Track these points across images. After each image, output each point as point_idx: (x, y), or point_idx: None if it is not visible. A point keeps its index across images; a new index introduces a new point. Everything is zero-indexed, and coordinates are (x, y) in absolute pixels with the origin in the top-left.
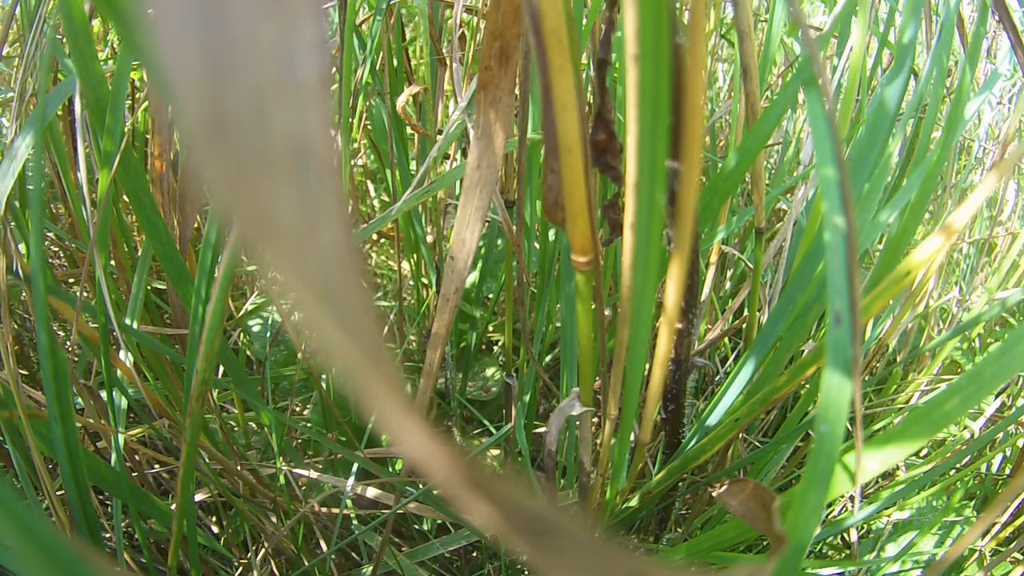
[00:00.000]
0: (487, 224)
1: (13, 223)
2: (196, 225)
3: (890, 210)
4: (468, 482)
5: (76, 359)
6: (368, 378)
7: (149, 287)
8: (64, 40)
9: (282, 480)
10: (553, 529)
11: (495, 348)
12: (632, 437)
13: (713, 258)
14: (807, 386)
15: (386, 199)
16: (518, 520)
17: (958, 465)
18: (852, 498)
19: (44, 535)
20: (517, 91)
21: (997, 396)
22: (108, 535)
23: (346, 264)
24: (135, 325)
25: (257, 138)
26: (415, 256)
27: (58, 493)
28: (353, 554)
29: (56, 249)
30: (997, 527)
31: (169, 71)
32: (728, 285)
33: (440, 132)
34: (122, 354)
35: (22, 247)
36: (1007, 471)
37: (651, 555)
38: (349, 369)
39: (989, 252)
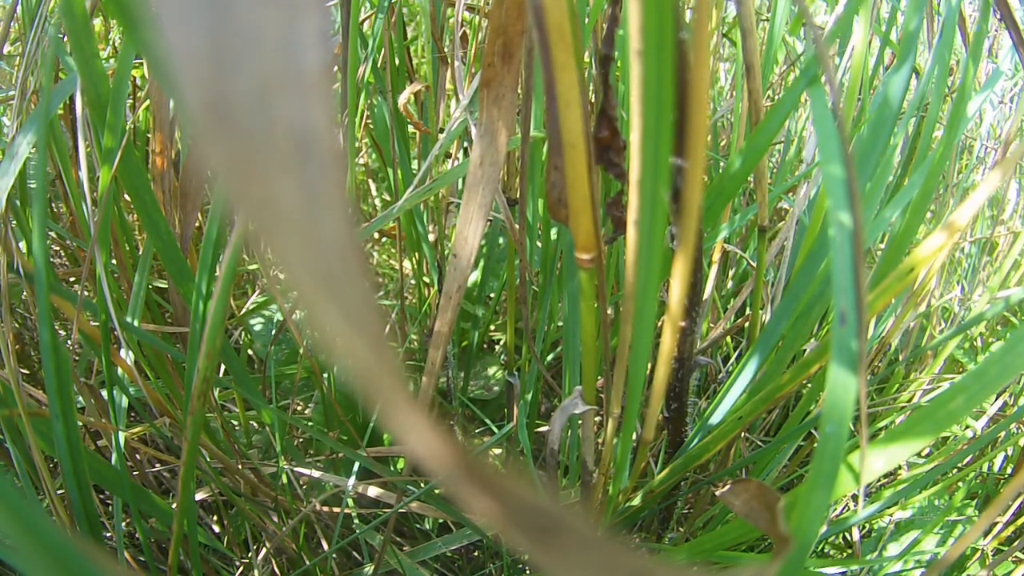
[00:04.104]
0: (489, 222)
1: (14, 221)
2: (197, 224)
3: (892, 208)
4: (471, 478)
5: (77, 358)
6: (371, 370)
7: (150, 285)
8: (65, 38)
9: (283, 479)
10: (557, 526)
11: (497, 347)
12: (634, 436)
13: (716, 257)
14: (809, 385)
15: (388, 198)
16: (521, 517)
17: (960, 464)
18: (854, 497)
19: (48, 533)
20: (520, 89)
21: (998, 395)
22: (109, 534)
23: (348, 255)
24: (136, 323)
25: (260, 128)
26: (417, 255)
27: (58, 492)
28: (354, 553)
29: (57, 248)
30: (999, 526)
31: (173, 60)
32: (730, 284)
33: (442, 131)
34: (123, 352)
35: (23, 245)
36: (1009, 470)
37: (654, 554)
38: (351, 361)
39: (991, 251)
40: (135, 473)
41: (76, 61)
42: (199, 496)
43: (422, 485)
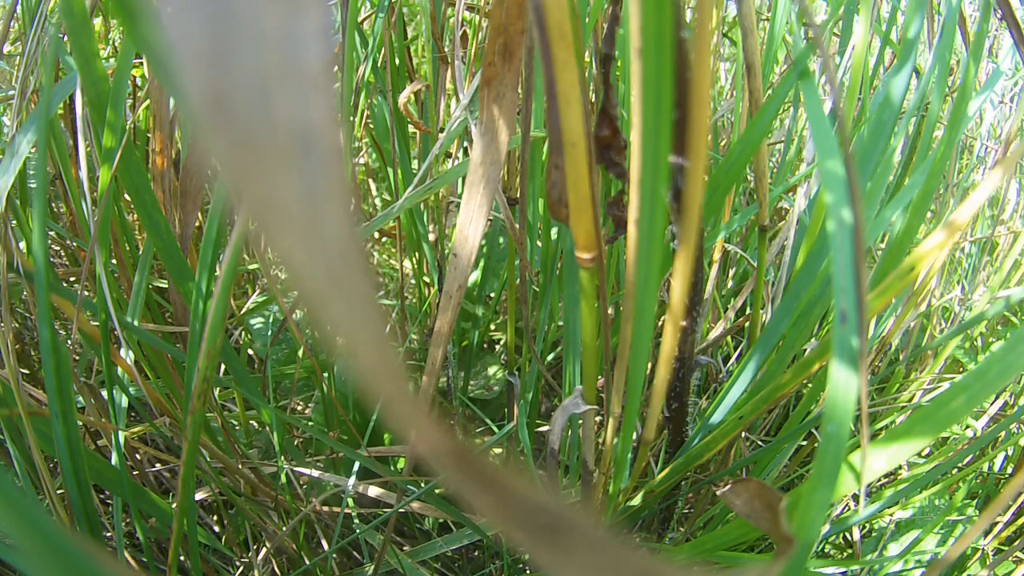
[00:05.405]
0: (489, 222)
1: (14, 221)
2: (197, 223)
3: (893, 208)
4: (473, 475)
5: (77, 357)
6: (372, 368)
7: (150, 285)
8: (65, 38)
9: (283, 479)
10: (559, 525)
11: (497, 347)
12: (635, 436)
13: (716, 256)
14: (810, 385)
15: (388, 198)
16: (523, 515)
17: (960, 464)
18: (855, 497)
19: (49, 532)
20: (520, 88)
21: (999, 395)
22: (109, 533)
23: (349, 251)
24: (136, 323)
25: (261, 124)
26: (417, 254)
27: (58, 492)
28: (355, 553)
29: (57, 248)
30: (999, 526)
31: (174, 55)
32: (731, 283)
33: (442, 130)
34: (123, 352)
35: (23, 245)
36: (1009, 470)
37: (654, 554)
38: (353, 359)
39: (991, 251)
40: (135, 473)
41: (76, 61)
42: (199, 496)
43: (422, 485)
